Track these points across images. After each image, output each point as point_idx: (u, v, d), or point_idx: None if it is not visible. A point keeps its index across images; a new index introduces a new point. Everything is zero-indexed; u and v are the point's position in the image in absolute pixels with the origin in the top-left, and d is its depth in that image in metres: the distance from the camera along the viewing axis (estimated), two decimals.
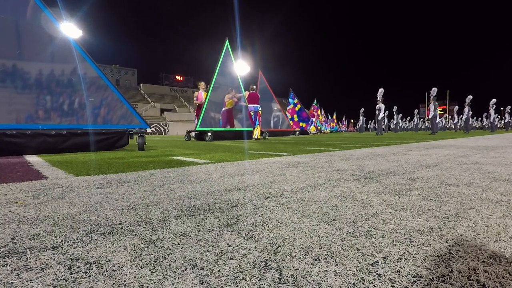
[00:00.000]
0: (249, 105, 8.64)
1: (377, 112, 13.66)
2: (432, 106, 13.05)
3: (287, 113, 15.62)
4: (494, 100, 16.39)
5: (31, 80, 3.65)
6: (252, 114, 8.59)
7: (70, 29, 4.06)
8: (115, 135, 4.12)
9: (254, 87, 8.95)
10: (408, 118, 32.54)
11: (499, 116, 20.32)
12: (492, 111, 16.38)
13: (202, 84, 8.40)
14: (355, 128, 23.47)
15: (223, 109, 8.45)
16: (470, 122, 15.07)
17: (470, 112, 15.09)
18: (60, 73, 3.85)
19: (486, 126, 17.03)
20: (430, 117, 12.78)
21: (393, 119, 24.43)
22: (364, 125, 24.02)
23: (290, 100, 15.82)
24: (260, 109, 9.24)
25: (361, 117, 23.70)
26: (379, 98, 13.50)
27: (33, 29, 3.67)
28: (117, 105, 4.21)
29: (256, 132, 8.32)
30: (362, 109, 23.28)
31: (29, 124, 3.53)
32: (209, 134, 7.62)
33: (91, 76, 4.02)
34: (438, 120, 13.32)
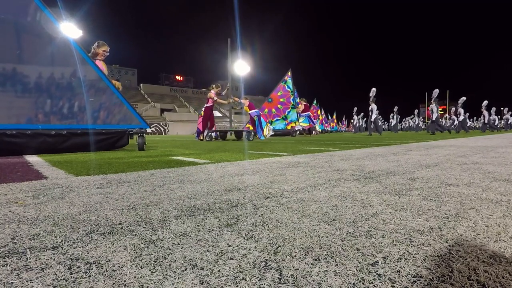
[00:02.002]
0: (251, 111, 8.91)
1: (369, 113, 13.63)
2: (434, 108, 13.12)
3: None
4: (486, 102, 17.31)
5: (31, 83, 3.64)
6: (255, 118, 8.85)
7: (70, 29, 4.07)
8: (115, 135, 4.12)
9: (247, 97, 9.34)
10: (408, 118, 32.63)
11: (498, 116, 20.68)
12: (485, 113, 17.20)
13: (216, 87, 8.43)
14: (359, 127, 23.90)
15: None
16: (468, 124, 15.60)
17: (467, 114, 15.54)
18: (60, 75, 3.85)
19: (482, 126, 17.81)
20: (434, 118, 12.86)
21: (393, 119, 24.64)
22: (363, 125, 24.18)
23: (294, 99, 15.65)
24: (260, 113, 9.51)
25: (355, 116, 23.90)
26: (372, 98, 13.47)
27: (33, 30, 3.67)
28: (117, 105, 4.21)
29: (266, 132, 8.77)
30: (356, 108, 23.48)
31: (28, 124, 3.53)
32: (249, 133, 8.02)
33: (91, 77, 4.02)
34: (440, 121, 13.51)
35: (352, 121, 25.16)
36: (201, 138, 8.13)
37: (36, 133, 3.50)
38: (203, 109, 8.40)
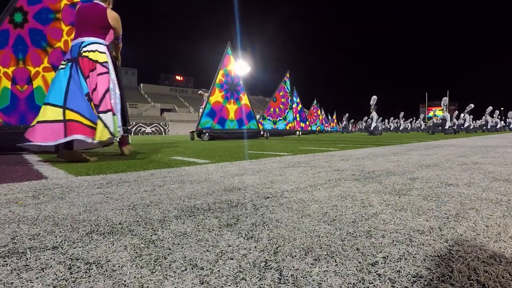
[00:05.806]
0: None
1: (369, 121, 13.68)
2: (448, 117, 13.68)
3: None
4: (490, 108, 19.00)
5: None
6: None
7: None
8: None
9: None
10: (410, 119, 33.26)
11: (499, 116, 21.30)
12: (489, 118, 18.97)
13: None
14: (346, 128, 25.42)
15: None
16: (472, 127, 16.64)
17: (472, 121, 16.59)
18: None
19: (484, 128, 18.88)
20: (447, 127, 13.38)
21: (398, 123, 26.68)
22: (346, 124, 25.60)
23: (294, 99, 15.64)
24: None
25: (344, 122, 25.36)
26: (372, 106, 13.50)
27: None
28: None
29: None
30: (347, 115, 25.06)
31: None
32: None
33: None
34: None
35: (340, 123, 27.01)
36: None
37: None
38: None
